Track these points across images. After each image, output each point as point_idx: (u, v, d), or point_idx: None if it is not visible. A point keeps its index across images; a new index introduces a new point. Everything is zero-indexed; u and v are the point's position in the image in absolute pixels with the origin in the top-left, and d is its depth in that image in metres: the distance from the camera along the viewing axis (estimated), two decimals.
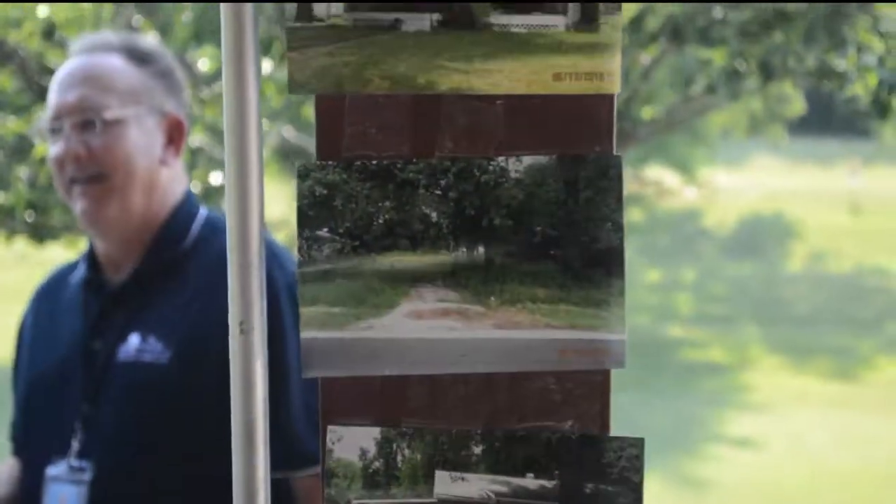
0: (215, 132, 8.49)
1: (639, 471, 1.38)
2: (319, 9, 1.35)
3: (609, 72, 1.35)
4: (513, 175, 1.37)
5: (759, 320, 16.15)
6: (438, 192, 1.37)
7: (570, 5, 1.34)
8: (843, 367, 13.23)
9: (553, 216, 1.38)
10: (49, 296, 2.71)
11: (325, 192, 1.37)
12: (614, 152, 1.38)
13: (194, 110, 8.58)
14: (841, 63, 8.21)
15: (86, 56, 2.55)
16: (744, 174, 33.63)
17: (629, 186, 27.35)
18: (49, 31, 8.72)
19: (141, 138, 2.50)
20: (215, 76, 8.40)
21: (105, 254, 2.59)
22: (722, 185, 31.94)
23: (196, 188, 7.90)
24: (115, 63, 2.53)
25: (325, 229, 1.38)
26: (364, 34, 1.34)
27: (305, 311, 1.38)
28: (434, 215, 1.38)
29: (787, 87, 7.82)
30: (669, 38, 8.03)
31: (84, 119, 2.47)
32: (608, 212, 1.38)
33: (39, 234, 8.41)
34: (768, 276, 20.45)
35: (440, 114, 1.37)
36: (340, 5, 1.34)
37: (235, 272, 1.36)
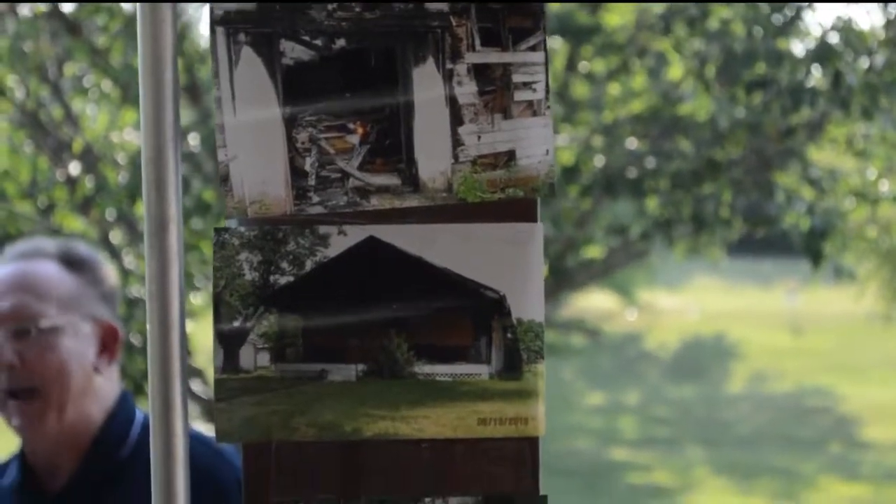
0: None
1: None
2: (246, 360, 1.37)
3: (532, 416, 1.38)
4: None
5: (702, 442, 16.16)
6: None
7: (494, 355, 1.37)
8: (787, 488, 13.24)
9: None
10: None
11: None
12: (540, 492, 1.40)
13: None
14: (772, 209, 8.34)
15: (20, 262, 2.53)
16: (684, 295, 33.78)
17: (569, 311, 27.43)
18: None
19: (75, 347, 2.48)
20: None
21: (38, 459, 2.54)
22: (662, 307, 32.08)
23: (137, 340, 7.87)
24: (50, 270, 2.52)
25: None
26: (291, 384, 1.36)
27: None
28: None
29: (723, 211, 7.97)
30: (603, 190, 8.12)
31: (18, 327, 2.45)
32: None
33: None
34: (711, 397, 20.49)
35: (367, 457, 1.39)
36: (266, 356, 1.37)
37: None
